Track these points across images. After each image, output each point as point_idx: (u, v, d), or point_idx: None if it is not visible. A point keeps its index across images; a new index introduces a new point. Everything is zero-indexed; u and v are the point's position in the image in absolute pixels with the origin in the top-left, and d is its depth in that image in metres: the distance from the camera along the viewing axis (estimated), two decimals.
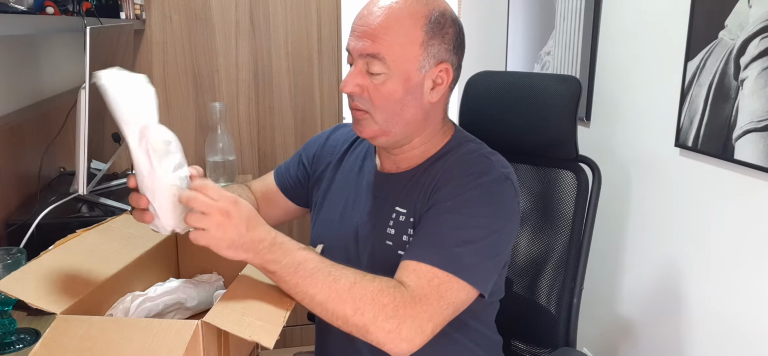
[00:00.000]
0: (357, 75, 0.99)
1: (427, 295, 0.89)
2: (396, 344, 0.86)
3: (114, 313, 0.93)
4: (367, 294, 0.86)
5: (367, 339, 0.87)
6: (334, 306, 0.86)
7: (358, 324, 0.86)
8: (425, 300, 0.89)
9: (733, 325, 1.35)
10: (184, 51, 2.19)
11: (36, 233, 1.30)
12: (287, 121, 2.32)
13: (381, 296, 0.86)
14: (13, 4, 1.16)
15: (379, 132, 1.01)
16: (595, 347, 1.89)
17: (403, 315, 0.86)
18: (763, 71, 1.21)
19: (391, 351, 0.87)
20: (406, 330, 0.86)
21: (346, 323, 0.86)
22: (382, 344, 0.86)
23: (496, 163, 1.01)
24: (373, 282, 0.87)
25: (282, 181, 1.26)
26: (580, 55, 1.89)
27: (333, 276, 0.86)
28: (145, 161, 0.82)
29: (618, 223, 1.74)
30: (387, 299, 0.86)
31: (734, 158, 1.29)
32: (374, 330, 0.85)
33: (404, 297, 0.88)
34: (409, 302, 0.87)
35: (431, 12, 0.97)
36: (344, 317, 0.86)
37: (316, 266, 0.86)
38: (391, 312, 0.86)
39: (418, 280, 0.90)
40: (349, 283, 0.86)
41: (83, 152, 1.36)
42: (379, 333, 0.86)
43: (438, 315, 0.90)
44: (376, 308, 0.85)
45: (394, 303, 0.86)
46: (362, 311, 0.85)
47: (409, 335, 0.86)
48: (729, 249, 1.35)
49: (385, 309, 0.86)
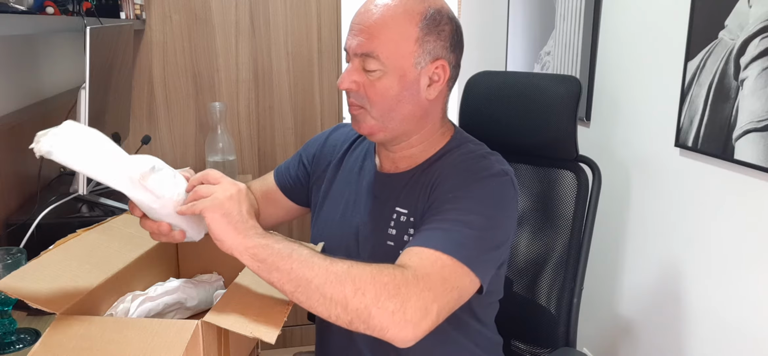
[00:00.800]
0: (353, 72, 0.99)
1: (429, 274, 0.86)
2: (401, 327, 0.81)
3: (114, 313, 0.93)
4: (366, 274, 0.82)
5: (369, 325, 0.82)
6: (333, 288, 0.81)
7: (359, 306, 0.80)
8: (428, 278, 0.85)
9: (733, 325, 1.35)
10: (184, 51, 2.19)
11: (36, 233, 1.30)
12: (287, 121, 2.32)
13: (380, 275, 0.82)
14: (13, 4, 1.16)
15: (376, 128, 1.02)
16: (595, 347, 1.89)
17: (406, 294, 0.82)
18: (763, 71, 1.21)
19: (395, 336, 0.82)
20: (410, 309, 0.81)
21: (347, 307, 0.81)
22: (386, 329, 0.81)
23: (495, 161, 1.02)
24: (370, 265, 0.84)
25: (282, 181, 1.26)
26: (580, 55, 1.89)
27: (329, 260, 0.83)
28: (148, 197, 0.83)
29: (618, 223, 1.75)
30: (387, 277, 0.82)
31: (734, 158, 1.29)
32: (377, 311, 0.80)
33: (405, 274, 0.84)
34: (412, 280, 0.84)
35: (427, 9, 0.98)
36: (344, 299, 0.80)
37: (310, 252, 0.84)
38: (393, 290, 0.81)
39: (421, 261, 0.87)
40: (345, 266, 0.83)
41: None
42: (382, 315, 0.80)
43: (442, 297, 0.86)
44: (377, 286, 0.81)
45: (395, 281, 0.82)
46: (363, 291, 0.80)
47: (414, 315, 0.82)
48: (729, 249, 1.35)
49: (387, 287, 0.81)
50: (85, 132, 0.80)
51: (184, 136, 2.24)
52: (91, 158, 0.79)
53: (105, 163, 0.80)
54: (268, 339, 0.76)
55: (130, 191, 0.82)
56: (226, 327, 0.77)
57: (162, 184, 0.84)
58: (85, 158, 0.78)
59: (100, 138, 0.81)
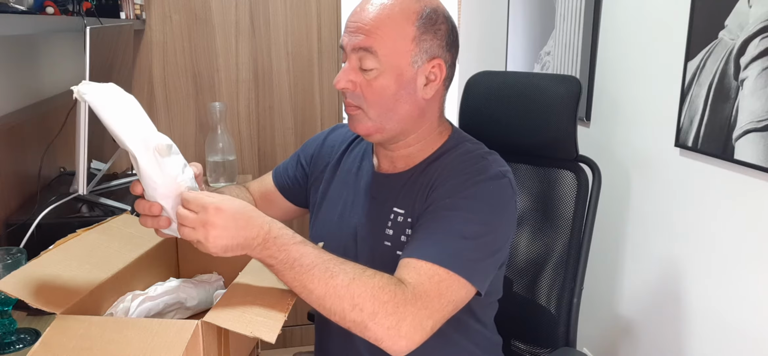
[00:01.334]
0: (350, 71, 0.99)
1: (427, 292, 0.88)
2: (395, 341, 0.85)
3: (114, 312, 0.93)
4: (367, 290, 0.85)
5: (365, 335, 0.86)
6: (332, 302, 0.85)
7: (356, 319, 0.85)
8: (426, 297, 0.88)
9: (733, 325, 1.35)
10: (184, 51, 2.19)
11: (36, 233, 1.30)
12: (287, 121, 2.32)
13: (381, 293, 0.85)
14: (13, 4, 1.16)
15: (373, 128, 1.02)
16: (595, 347, 1.89)
17: (403, 313, 0.85)
18: (763, 71, 1.21)
19: (389, 348, 0.86)
20: (405, 327, 0.85)
21: (344, 319, 0.85)
22: (380, 340, 0.85)
23: (493, 162, 1.02)
24: (373, 278, 0.86)
25: (280, 181, 1.26)
26: (580, 55, 1.89)
27: (330, 271, 0.85)
28: (155, 170, 0.82)
29: (618, 223, 1.75)
30: (387, 296, 0.85)
31: (734, 158, 1.29)
32: (373, 326, 0.85)
33: (405, 294, 0.87)
34: (411, 299, 0.87)
35: (423, 8, 0.99)
36: (342, 312, 0.85)
37: (312, 261, 0.85)
38: (392, 309, 0.85)
39: (419, 277, 0.90)
40: (347, 279, 0.85)
41: (83, 152, 1.36)
42: (377, 329, 0.85)
43: (438, 313, 0.89)
44: (376, 304, 0.84)
45: (394, 300, 0.85)
46: (361, 307, 0.84)
47: (408, 332, 0.85)
48: (729, 249, 1.35)
49: (386, 306, 0.85)
50: (122, 94, 0.84)
51: (184, 136, 2.24)
52: (118, 114, 0.81)
53: (129, 122, 0.82)
54: (268, 339, 0.76)
55: (141, 155, 0.81)
56: (226, 326, 0.78)
57: (172, 164, 0.84)
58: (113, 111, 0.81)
59: (134, 104, 0.84)
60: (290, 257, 0.85)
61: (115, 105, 0.81)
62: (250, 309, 0.82)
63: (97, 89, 0.81)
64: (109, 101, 0.81)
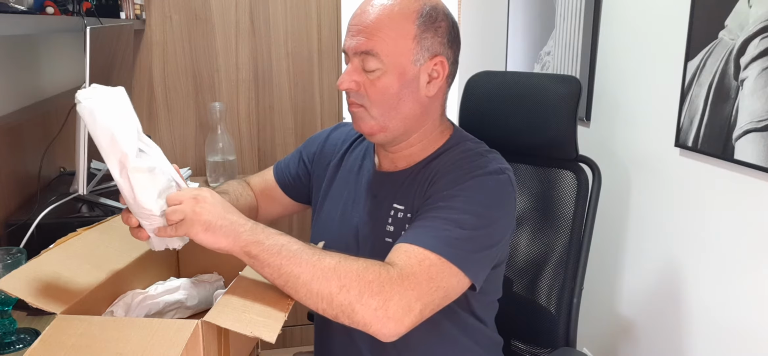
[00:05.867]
0: (353, 72, 1.00)
1: (415, 274, 0.88)
2: (383, 323, 0.84)
3: (114, 310, 0.93)
4: (352, 271, 0.85)
5: (353, 320, 0.85)
6: (319, 284, 0.84)
7: (343, 302, 0.84)
8: (413, 277, 0.87)
9: (733, 325, 1.35)
10: (184, 51, 2.19)
11: (36, 233, 1.30)
12: (287, 121, 2.32)
13: (366, 273, 0.85)
14: (13, 4, 1.16)
15: (377, 128, 1.02)
16: (595, 347, 1.89)
17: (389, 292, 0.84)
18: (763, 71, 1.21)
19: (378, 331, 0.85)
20: (393, 307, 0.84)
21: (332, 303, 0.84)
22: (369, 324, 0.84)
23: (493, 159, 1.02)
24: (358, 261, 0.87)
25: (282, 178, 1.27)
26: (580, 55, 1.89)
27: (317, 255, 0.86)
28: (128, 190, 0.84)
29: (618, 223, 1.74)
30: (372, 276, 0.85)
31: (734, 158, 1.29)
32: (360, 308, 0.84)
33: (390, 273, 0.86)
34: (396, 278, 0.86)
35: (423, 6, 0.99)
36: (329, 295, 0.84)
37: (299, 247, 0.86)
38: (377, 288, 0.84)
39: (408, 260, 0.89)
40: (333, 262, 0.85)
41: (83, 152, 1.36)
42: (365, 312, 0.84)
43: (427, 296, 0.88)
44: (361, 284, 0.84)
45: (379, 279, 0.85)
46: (348, 287, 0.84)
47: (396, 313, 0.84)
48: (729, 249, 1.35)
49: (371, 286, 0.84)
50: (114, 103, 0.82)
51: (184, 136, 2.24)
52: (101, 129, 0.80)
53: (109, 138, 0.81)
54: (268, 339, 0.76)
55: (116, 176, 0.83)
56: (226, 326, 0.77)
57: (143, 185, 0.83)
58: (96, 126, 0.80)
59: (123, 115, 0.82)
60: (278, 242, 0.85)
61: (98, 115, 0.80)
62: (250, 308, 0.82)
63: (90, 99, 0.80)
64: (96, 114, 0.80)
